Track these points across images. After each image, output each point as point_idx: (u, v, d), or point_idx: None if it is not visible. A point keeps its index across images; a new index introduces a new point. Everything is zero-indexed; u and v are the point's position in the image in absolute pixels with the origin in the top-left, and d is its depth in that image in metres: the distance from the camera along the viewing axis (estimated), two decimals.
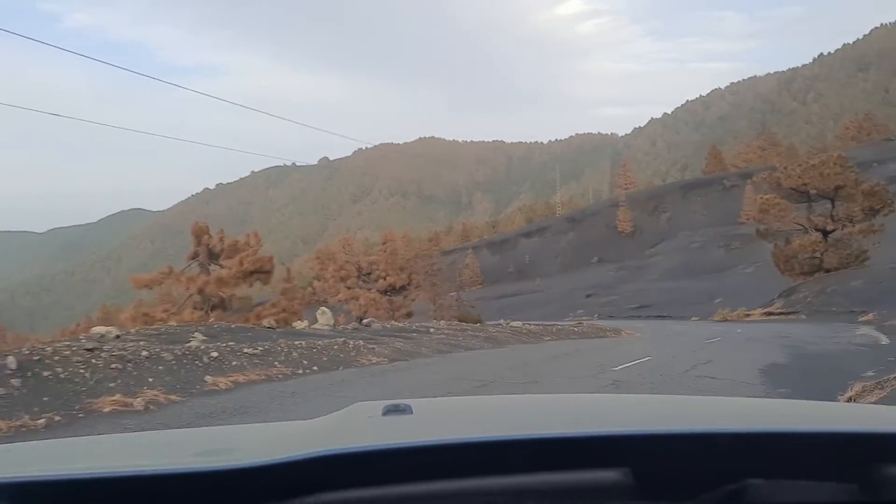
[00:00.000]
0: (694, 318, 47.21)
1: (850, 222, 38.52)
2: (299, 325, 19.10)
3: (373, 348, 14.27)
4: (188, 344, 11.98)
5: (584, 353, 16.32)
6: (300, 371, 11.25)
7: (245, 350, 11.41)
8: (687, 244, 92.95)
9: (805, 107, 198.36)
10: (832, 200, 39.42)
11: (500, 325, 25.39)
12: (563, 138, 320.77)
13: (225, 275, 21.57)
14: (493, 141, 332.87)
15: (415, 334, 18.66)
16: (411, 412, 1.23)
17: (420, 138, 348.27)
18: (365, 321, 23.20)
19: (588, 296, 73.59)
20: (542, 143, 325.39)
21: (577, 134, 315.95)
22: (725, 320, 40.32)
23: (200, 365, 10.31)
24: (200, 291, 21.23)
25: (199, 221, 25.36)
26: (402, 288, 35.49)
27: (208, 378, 9.71)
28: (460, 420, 1.36)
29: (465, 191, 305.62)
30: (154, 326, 17.43)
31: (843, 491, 0.91)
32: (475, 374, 11.85)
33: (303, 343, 13.06)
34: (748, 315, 40.19)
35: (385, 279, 34.60)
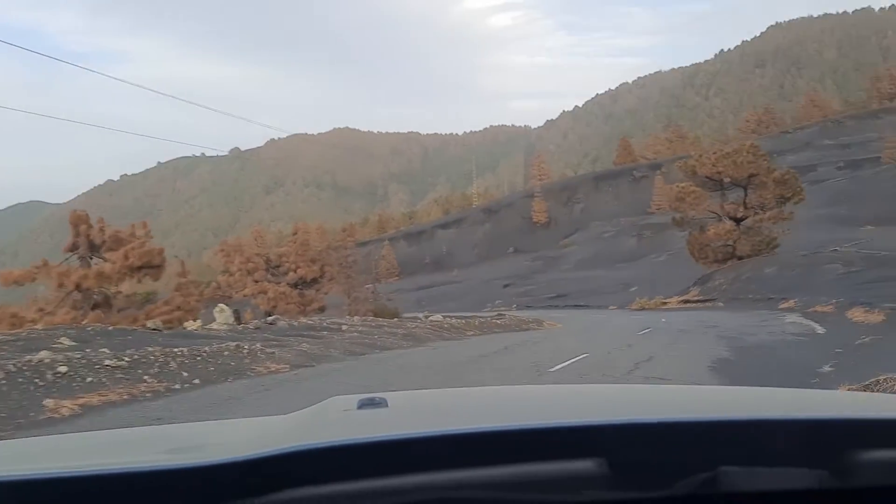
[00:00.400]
0: (612, 307, 46.87)
1: (762, 210, 38.70)
2: (192, 325, 16.71)
3: (273, 353, 12.18)
4: (39, 355, 9.63)
5: (514, 350, 14.72)
6: (177, 386, 9.08)
7: (106, 362, 9.13)
8: (600, 234, 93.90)
9: (707, 101, 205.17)
10: (745, 188, 39.52)
11: (418, 319, 23.59)
12: (477, 130, 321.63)
13: (108, 269, 18.90)
14: (409, 132, 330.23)
15: (325, 333, 16.66)
16: (386, 405, 1.21)
17: (335, 129, 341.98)
18: (270, 319, 20.93)
19: (506, 286, 72.87)
20: (457, 134, 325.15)
21: (491, 126, 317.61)
22: (643, 309, 39.95)
23: (42, 384, 8.05)
24: (77, 288, 18.49)
25: (101, 215, 22.48)
26: (314, 281, 33.22)
27: (49, 402, 7.48)
28: (435, 413, 1.34)
29: (381, 182, 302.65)
30: (15, 331, 14.73)
31: (814, 477, 0.92)
32: (394, 383, 10.02)
33: (185, 350, 10.83)
34: (665, 303, 39.94)
35: (295, 272, 32.25)
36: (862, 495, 0.95)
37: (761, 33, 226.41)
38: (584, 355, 12.99)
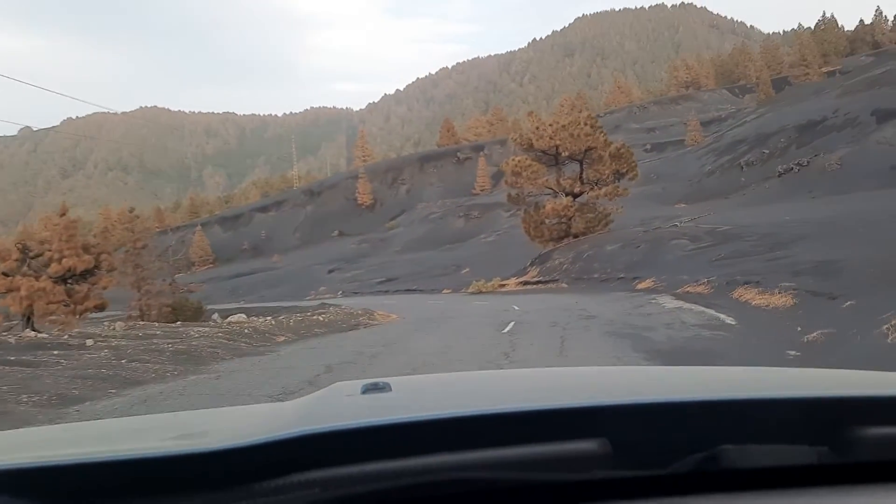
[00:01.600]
0: (445, 291, 43.08)
1: (599, 185, 36.40)
2: None
3: None
4: None
5: (341, 373, 9.65)
6: None
7: None
8: (427, 215, 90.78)
9: (522, 87, 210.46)
10: (581, 163, 37.04)
11: (212, 322, 17.67)
12: (298, 112, 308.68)
13: None
14: (225, 112, 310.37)
15: (53, 354, 10.71)
16: (390, 390, 1.22)
17: (142, 108, 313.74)
18: None
19: (331, 271, 67.30)
20: (276, 115, 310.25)
21: (312, 108, 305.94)
22: (480, 292, 36.41)
23: None
24: None
25: None
26: (88, 273, 26.14)
27: None
28: (439, 396, 1.33)
29: (195, 164, 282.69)
30: None
31: (814, 453, 0.94)
32: None
33: None
34: (503, 285, 36.67)
35: (60, 262, 25.02)
36: (861, 470, 0.95)
37: (570, 24, 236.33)
38: None
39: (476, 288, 36.94)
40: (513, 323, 15.26)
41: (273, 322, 16.37)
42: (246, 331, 14.58)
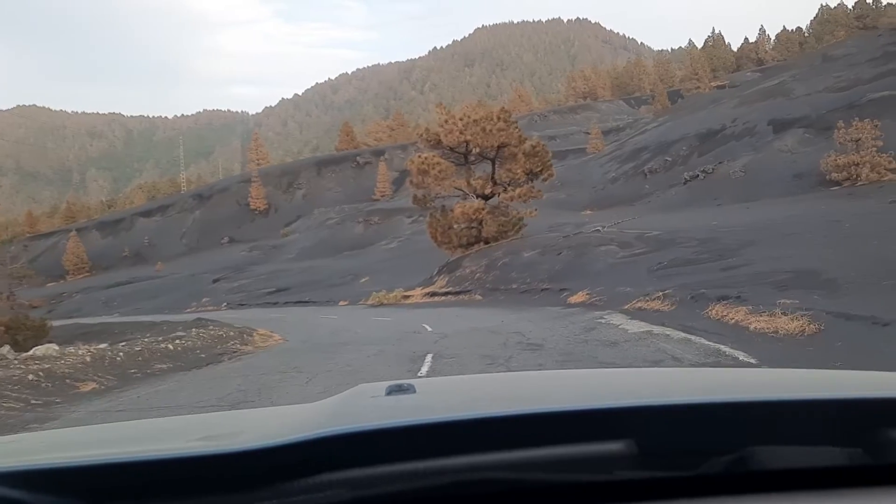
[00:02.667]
0: (342, 303, 38.25)
1: (512, 186, 32.75)
2: None
3: None
4: None
5: None
6: None
7: None
8: (324, 221, 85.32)
9: (423, 95, 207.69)
10: (493, 161, 33.30)
11: (6, 360, 12.18)
12: (190, 114, 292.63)
13: None
14: (111, 113, 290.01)
15: None
16: (415, 391, 1.21)
17: (18, 106, 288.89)
18: None
19: (216, 280, 60.79)
20: (166, 117, 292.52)
21: (205, 110, 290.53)
22: (381, 304, 31.92)
23: None
24: None
25: None
26: None
27: None
28: (464, 398, 1.32)
29: (78, 167, 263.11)
30: None
31: (846, 455, 0.92)
32: None
33: None
34: (408, 296, 32.31)
35: None
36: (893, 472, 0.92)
37: (470, 35, 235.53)
38: None
39: (377, 299, 32.41)
40: (430, 356, 10.87)
41: (90, 357, 11.28)
42: (32, 377, 9.48)
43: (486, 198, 32.75)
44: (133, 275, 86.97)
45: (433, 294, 30.48)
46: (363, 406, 1.21)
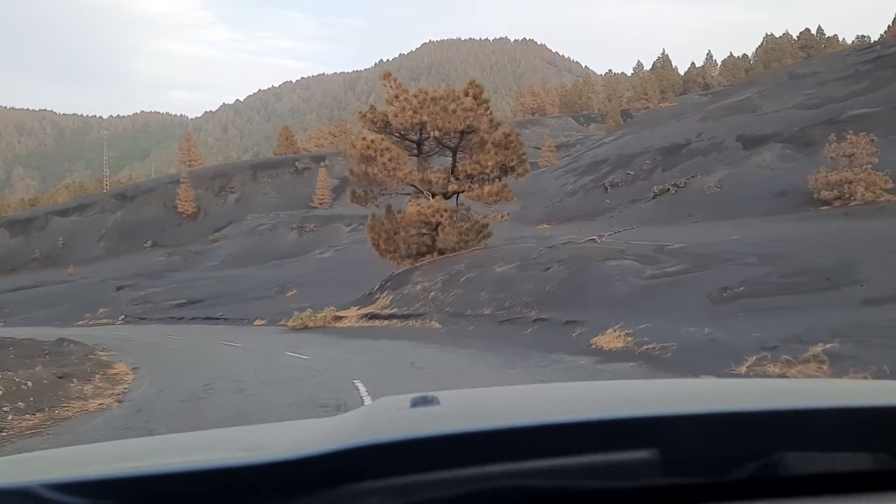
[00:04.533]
0: (258, 322, 29.87)
1: (480, 182, 25.29)
2: None
3: None
4: None
5: None
6: None
7: None
8: (255, 227, 76.17)
9: (368, 106, 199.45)
10: (455, 151, 25.79)
11: None
12: (126, 115, 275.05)
13: None
14: (41, 110, 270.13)
15: None
16: (438, 403, 1.18)
17: None
18: None
19: (119, 288, 51.11)
20: (101, 117, 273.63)
21: (143, 112, 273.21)
22: (306, 327, 23.90)
23: None
24: None
25: None
26: None
27: None
28: (489, 409, 1.28)
29: (4, 165, 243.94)
30: None
31: (873, 459, 0.91)
32: None
33: None
34: (340, 317, 24.34)
35: None
36: None
37: (416, 49, 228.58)
38: None
39: (300, 321, 24.29)
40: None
41: None
42: None
43: (445, 196, 25.15)
44: (41, 279, 75.87)
45: (373, 316, 22.61)
46: (389, 418, 1.17)
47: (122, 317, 40.16)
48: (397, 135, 25.02)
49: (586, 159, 66.70)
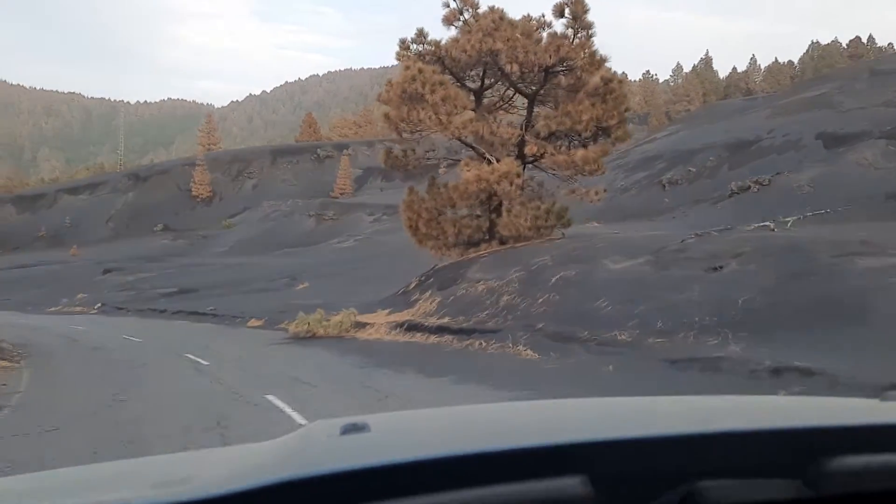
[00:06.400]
0: (252, 323, 22.02)
1: (568, 143, 17.41)
2: None
3: None
4: None
5: None
6: None
7: None
8: (270, 213, 68.78)
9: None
10: (533, 98, 17.92)
11: None
12: (153, 101, 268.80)
13: None
14: (70, 92, 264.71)
15: None
16: (370, 430, 1.13)
17: None
18: None
19: (106, 272, 43.69)
20: (128, 102, 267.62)
21: (170, 99, 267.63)
22: (313, 335, 16.22)
23: None
24: None
25: None
26: None
27: None
28: (420, 436, 1.23)
29: (30, 144, 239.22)
30: None
31: (790, 487, 0.91)
32: None
33: None
34: (364, 324, 16.58)
35: None
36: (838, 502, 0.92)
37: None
38: None
39: (306, 326, 16.53)
40: None
41: None
42: None
43: (523, 161, 17.29)
44: (43, 258, 69.14)
45: (412, 326, 14.85)
46: (319, 447, 1.11)
47: (99, 305, 32.77)
48: (454, 73, 17.26)
49: (636, 155, 58.69)
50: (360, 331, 16.15)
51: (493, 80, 17.80)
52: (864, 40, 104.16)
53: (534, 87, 17.25)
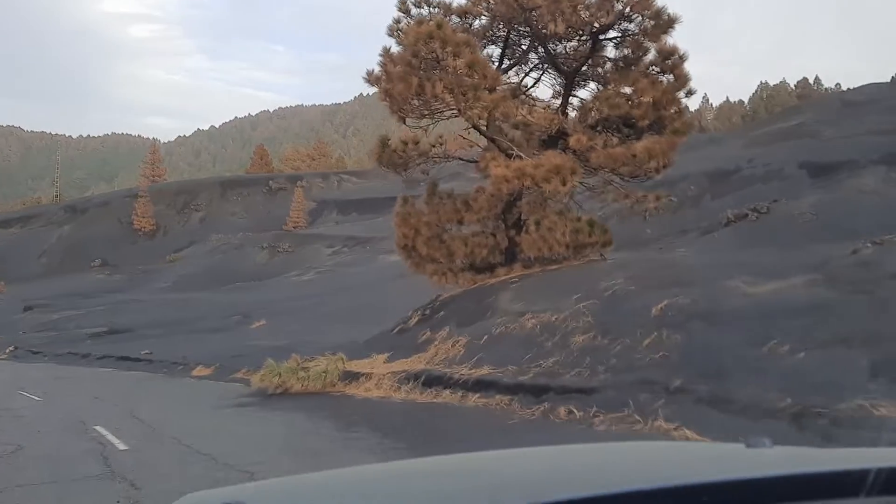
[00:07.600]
0: (198, 371, 16.83)
1: (620, 134, 13.20)
2: None
3: None
4: None
5: None
6: None
7: None
8: (219, 246, 62.80)
9: (345, 139, 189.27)
10: (572, 77, 13.68)
11: None
12: (96, 136, 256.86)
13: None
14: (8, 125, 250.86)
15: None
16: None
17: None
18: None
19: (27, 309, 37.29)
20: (70, 136, 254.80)
21: (113, 133, 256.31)
22: (286, 392, 11.27)
23: None
24: None
25: None
26: None
27: None
28: None
29: None
30: None
31: None
32: None
33: None
34: (357, 375, 11.74)
35: None
36: None
37: None
38: None
39: (277, 379, 11.56)
40: None
41: None
42: None
43: (575, 153, 12.91)
44: None
45: (431, 379, 10.13)
46: None
47: (11, 348, 26.71)
48: (490, 33, 12.95)
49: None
50: (352, 384, 11.33)
51: (517, 55, 13.49)
52: (812, 81, 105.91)
53: (575, 63, 13.01)
